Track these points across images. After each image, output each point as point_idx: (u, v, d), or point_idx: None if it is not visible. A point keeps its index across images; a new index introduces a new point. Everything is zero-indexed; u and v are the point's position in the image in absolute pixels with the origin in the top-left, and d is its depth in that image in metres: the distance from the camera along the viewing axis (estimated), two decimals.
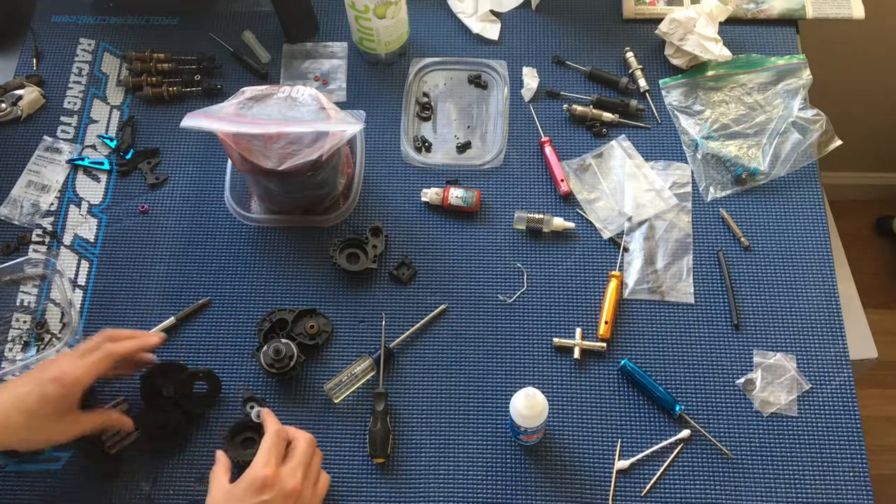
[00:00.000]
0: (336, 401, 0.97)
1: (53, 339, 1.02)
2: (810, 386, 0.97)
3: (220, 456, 0.87)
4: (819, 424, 0.95)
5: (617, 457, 0.94)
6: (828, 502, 0.91)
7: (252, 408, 0.96)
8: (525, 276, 1.04)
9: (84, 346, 0.88)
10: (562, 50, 1.20)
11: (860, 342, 1.37)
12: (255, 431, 0.93)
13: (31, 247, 1.08)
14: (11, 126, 1.16)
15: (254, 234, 1.08)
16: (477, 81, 1.17)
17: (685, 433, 0.95)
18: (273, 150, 0.94)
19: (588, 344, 0.99)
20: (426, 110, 1.15)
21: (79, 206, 1.11)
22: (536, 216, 1.06)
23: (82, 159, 1.13)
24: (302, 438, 0.85)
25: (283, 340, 0.97)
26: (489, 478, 0.94)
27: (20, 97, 1.16)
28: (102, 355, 0.87)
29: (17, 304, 1.05)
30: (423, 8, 1.23)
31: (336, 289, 1.04)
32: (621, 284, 1.03)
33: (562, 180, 1.08)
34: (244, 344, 1.02)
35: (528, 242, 1.07)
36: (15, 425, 0.81)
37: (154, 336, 0.94)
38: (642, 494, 0.92)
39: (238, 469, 0.87)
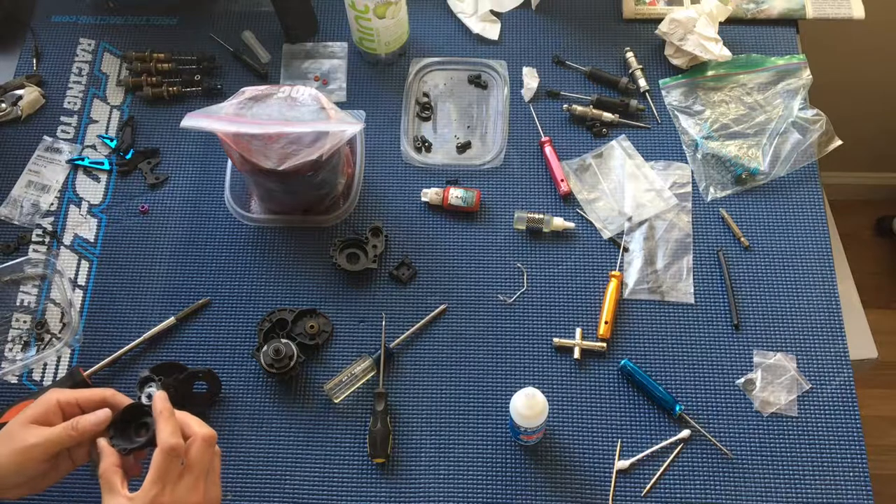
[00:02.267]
0: (336, 401, 0.97)
1: (53, 339, 1.02)
2: (810, 386, 0.97)
3: (105, 448, 0.73)
4: (819, 424, 0.95)
5: (617, 457, 0.94)
6: (828, 502, 0.91)
7: (150, 386, 0.89)
8: (525, 276, 1.04)
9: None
10: (562, 50, 1.20)
11: (860, 342, 1.37)
12: (148, 415, 0.76)
13: (31, 247, 1.08)
14: (11, 126, 1.16)
15: (254, 234, 1.08)
16: (477, 81, 1.17)
17: (685, 433, 0.95)
18: (273, 150, 0.94)
19: (588, 344, 0.99)
20: (426, 110, 1.15)
21: (79, 206, 1.11)
22: (536, 216, 1.06)
23: (82, 159, 1.14)
24: (197, 443, 0.72)
25: (283, 340, 0.97)
26: (489, 478, 0.94)
27: (20, 97, 1.16)
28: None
29: (17, 304, 1.05)
30: (423, 8, 1.23)
31: (336, 289, 1.04)
32: (621, 284, 1.03)
33: (562, 180, 1.08)
34: (244, 344, 1.02)
35: (528, 242, 1.07)
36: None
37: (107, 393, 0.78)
38: (642, 494, 0.92)
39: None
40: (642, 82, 1.15)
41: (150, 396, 0.77)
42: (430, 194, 1.08)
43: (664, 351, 1.00)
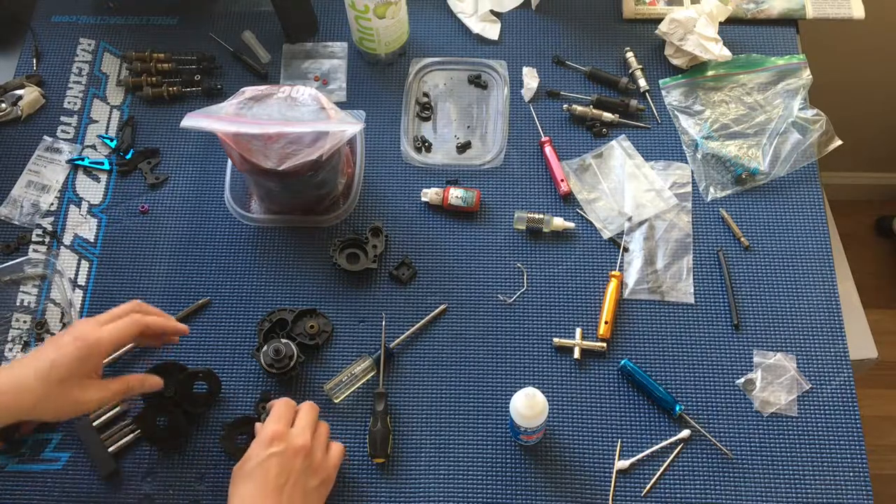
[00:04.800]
0: (336, 401, 0.97)
1: None
2: (810, 386, 0.97)
3: (257, 427, 0.89)
4: (819, 424, 0.95)
5: (617, 457, 0.94)
6: (828, 502, 0.91)
7: (263, 408, 0.96)
8: (525, 276, 1.04)
9: (110, 312, 0.86)
10: (562, 50, 1.20)
11: (860, 342, 1.37)
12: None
13: (31, 247, 1.08)
14: (11, 126, 1.16)
15: (254, 234, 1.08)
16: (477, 81, 1.17)
17: (685, 433, 0.95)
18: (273, 150, 0.94)
19: (588, 344, 0.99)
20: (426, 110, 1.15)
21: (79, 206, 1.11)
22: (536, 216, 1.06)
23: (82, 159, 1.14)
24: (305, 404, 0.89)
25: (283, 340, 0.97)
26: (489, 478, 0.94)
27: (20, 97, 1.16)
28: (129, 321, 0.84)
29: (17, 304, 1.05)
30: (423, 8, 1.23)
31: (336, 289, 1.04)
32: (621, 284, 1.03)
33: (562, 180, 1.08)
34: (244, 344, 1.02)
35: (528, 242, 1.07)
36: (31, 388, 0.77)
37: (182, 326, 0.92)
38: (642, 494, 0.92)
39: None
40: (642, 82, 1.16)
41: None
42: (430, 194, 1.08)
43: (664, 351, 1.00)
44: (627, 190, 1.09)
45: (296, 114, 0.96)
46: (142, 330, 0.85)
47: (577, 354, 0.99)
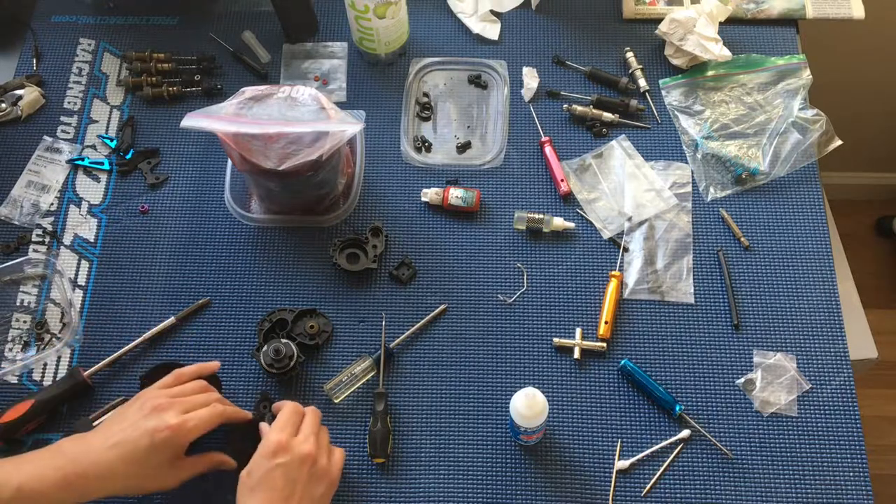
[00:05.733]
0: (336, 401, 0.97)
1: (53, 339, 1.02)
2: (810, 386, 0.97)
3: (263, 428, 0.89)
4: (819, 424, 0.95)
5: (617, 457, 0.94)
6: (828, 502, 0.91)
7: (265, 408, 0.95)
8: (525, 276, 1.05)
9: (191, 399, 0.87)
10: (562, 50, 1.20)
11: (860, 342, 1.37)
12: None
13: (31, 247, 1.08)
14: (11, 126, 1.16)
15: (254, 234, 1.08)
16: (477, 81, 1.17)
17: (685, 433, 0.95)
18: (273, 150, 0.94)
19: (588, 344, 0.99)
20: (426, 110, 1.15)
21: (79, 206, 1.11)
22: (536, 216, 1.06)
23: (82, 159, 1.14)
24: (308, 410, 0.90)
25: (283, 340, 0.97)
26: (489, 478, 0.94)
27: (20, 97, 1.16)
28: (214, 413, 0.87)
29: (17, 304, 1.05)
30: (423, 8, 1.23)
31: (336, 289, 1.04)
32: (621, 284, 1.03)
33: (562, 180, 1.08)
34: (244, 344, 1.02)
35: (528, 242, 1.07)
36: (123, 475, 0.82)
37: (248, 413, 0.93)
38: (642, 494, 0.92)
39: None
40: (642, 82, 1.16)
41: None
42: (430, 194, 1.08)
43: (664, 351, 1.00)
44: (627, 190, 1.09)
45: (296, 114, 0.96)
46: (223, 422, 0.88)
47: (577, 354, 0.99)
